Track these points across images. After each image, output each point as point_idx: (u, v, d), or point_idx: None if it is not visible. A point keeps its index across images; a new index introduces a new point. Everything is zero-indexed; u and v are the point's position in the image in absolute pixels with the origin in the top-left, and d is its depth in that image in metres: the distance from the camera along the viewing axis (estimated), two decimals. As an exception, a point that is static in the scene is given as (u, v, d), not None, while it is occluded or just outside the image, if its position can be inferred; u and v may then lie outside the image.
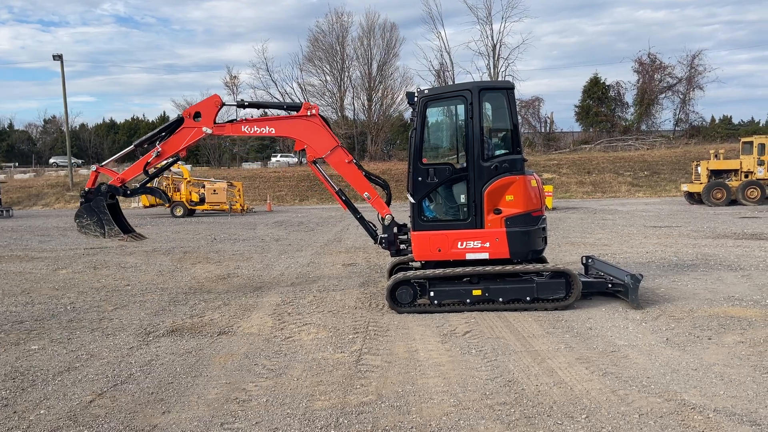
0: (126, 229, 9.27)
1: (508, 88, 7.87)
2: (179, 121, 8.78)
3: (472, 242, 7.77)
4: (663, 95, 60.34)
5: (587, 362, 5.60)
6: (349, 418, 4.50)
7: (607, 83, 62.04)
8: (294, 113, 8.77)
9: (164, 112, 79.58)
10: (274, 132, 8.96)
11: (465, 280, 7.83)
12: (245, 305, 8.50)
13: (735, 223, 17.99)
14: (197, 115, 8.74)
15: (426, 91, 7.90)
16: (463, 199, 7.86)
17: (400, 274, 7.87)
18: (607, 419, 4.35)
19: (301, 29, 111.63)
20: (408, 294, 7.72)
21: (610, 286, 8.07)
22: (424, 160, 7.92)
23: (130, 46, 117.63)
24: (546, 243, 8.10)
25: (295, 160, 54.24)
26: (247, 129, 8.91)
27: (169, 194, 28.39)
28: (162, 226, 22.96)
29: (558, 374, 5.30)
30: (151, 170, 9.18)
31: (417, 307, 7.76)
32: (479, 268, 7.65)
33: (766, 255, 11.52)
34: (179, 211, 28.03)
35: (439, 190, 7.97)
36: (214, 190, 28.91)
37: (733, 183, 26.18)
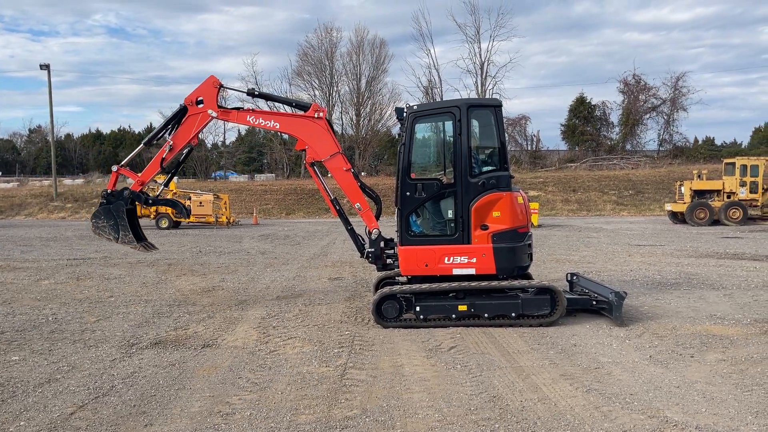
0: (139, 236, 9.14)
1: (496, 106, 7.96)
2: (183, 110, 8.60)
3: (459, 258, 7.79)
4: (647, 116, 61.16)
5: (571, 378, 5.63)
6: (333, 433, 4.48)
7: (593, 103, 62.90)
8: (301, 113, 8.74)
9: (151, 124, 79.20)
10: (278, 127, 8.81)
11: (451, 295, 7.85)
12: (230, 318, 8.45)
13: (717, 243, 18.21)
14: (199, 101, 8.58)
15: (415, 107, 7.96)
16: (450, 214, 7.89)
17: (386, 289, 7.87)
18: (590, 435, 4.36)
19: (292, 44, 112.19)
20: (394, 308, 7.73)
21: (594, 303, 8.14)
22: (413, 175, 7.96)
23: (120, 57, 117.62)
24: (532, 259, 8.16)
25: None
26: (252, 119, 8.74)
27: (155, 206, 28.18)
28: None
29: (542, 390, 5.32)
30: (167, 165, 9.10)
31: (403, 321, 7.76)
32: (465, 284, 7.68)
33: (748, 274, 11.67)
34: (164, 223, 27.82)
35: (426, 205, 8.00)
36: (201, 203, 28.75)
37: (716, 203, 26.50)
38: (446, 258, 7.79)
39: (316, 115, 8.53)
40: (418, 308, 7.73)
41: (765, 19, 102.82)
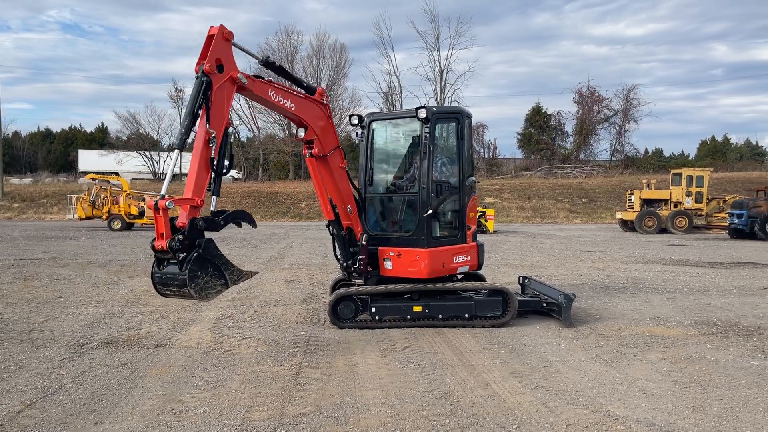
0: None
1: (471, 116, 8.45)
2: (206, 84, 6.00)
3: (462, 256, 8.18)
4: (600, 126, 62.96)
5: (520, 376, 5.80)
6: (286, 429, 4.52)
7: (548, 112, 64.34)
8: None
9: (102, 123, 77.18)
10: (293, 109, 7.12)
11: (406, 296, 7.96)
12: (184, 319, 8.37)
13: (664, 250, 18.88)
14: (219, 68, 6.15)
15: (434, 108, 7.94)
16: (456, 215, 8.25)
17: (343, 290, 7.94)
18: (536, 429, 4.53)
19: (253, 46, 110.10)
20: (350, 309, 7.79)
21: (544, 305, 8.38)
22: (434, 177, 7.94)
23: (74, 54, 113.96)
24: None
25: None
26: (273, 95, 6.92)
27: (107, 207, 27.54)
28: (98, 239, 22.26)
29: (492, 387, 5.47)
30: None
31: (358, 322, 7.83)
32: (420, 285, 7.82)
33: (690, 280, 12.16)
34: (117, 225, 27.22)
35: (441, 207, 8.07)
36: (155, 204, 28.20)
37: (664, 212, 27.47)
38: (455, 257, 8.10)
39: (323, 101, 7.54)
40: (373, 309, 7.82)
41: (714, 37, 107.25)
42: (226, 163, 6.21)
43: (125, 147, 62.44)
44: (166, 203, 5.55)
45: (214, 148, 6.03)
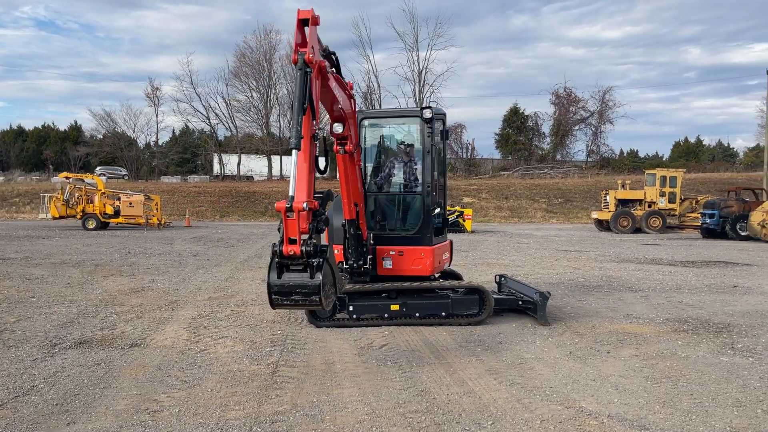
0: None
1: None
2: (308, 74, 5.39)
3: (446, 253, 8.43)
4: (577, 127, 63.67)
5: (496, 373, 5.86)
6: (262, 427, 4.52)
7: (526, 113, 64.88)
8: None
9: (76, 121, 75.91)
10: (341, 102, 6.60)
11: (383, 295, 7.98)
12: (159, 318, 8.30)
13: (638, 249, 19.17)
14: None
15: (433, 108, 7.92)
16: (441, 213, 8.44)
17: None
18: (511, 425, 4.58)
19: (231, 44, 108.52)
20: (327, 308, 7.79)
21: (520, 303, 8.47)
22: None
23: (49, 51, 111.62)
24: None
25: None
26: (333, 85, 6.29)
27: (82, 206, 27.11)
28: (72, 239, 21.92)
29: (468, 384, 5.52)
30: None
31: (336, 321, 7.83)
32: (397, 284, 7.85)
33: (663, 278, 12.37)
34: (91, 224, 26.81)
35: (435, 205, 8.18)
36: (130, 203, 27.88)
37: (638, 212, 27.86)
38: (444, 254, 8.32)
39: (352, 95, 7.08)
40: (351, 308, 7.82)
41: (688, 40, 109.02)
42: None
43: (101, 145, 61.60)
44: (303, 205, 4.93)
45: (318, 144, 5.50)
